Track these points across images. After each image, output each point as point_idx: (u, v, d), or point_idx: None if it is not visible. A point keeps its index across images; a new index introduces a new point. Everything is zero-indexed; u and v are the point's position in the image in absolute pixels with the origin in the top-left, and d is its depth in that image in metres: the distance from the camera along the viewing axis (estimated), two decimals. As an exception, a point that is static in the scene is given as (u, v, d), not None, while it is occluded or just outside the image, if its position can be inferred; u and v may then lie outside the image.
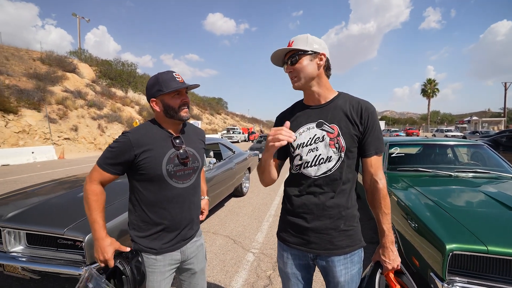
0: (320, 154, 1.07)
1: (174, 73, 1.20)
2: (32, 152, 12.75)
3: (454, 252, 1.52)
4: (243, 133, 31.41)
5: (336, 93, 1.14)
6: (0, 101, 14.05)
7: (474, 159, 3.50)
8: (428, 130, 49.75)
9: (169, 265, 1.26)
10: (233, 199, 5.45)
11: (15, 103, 15.16)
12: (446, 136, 28.45)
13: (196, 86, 1.29)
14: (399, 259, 1.06)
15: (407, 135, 33.98)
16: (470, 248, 1.51)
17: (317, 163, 1.07)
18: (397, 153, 3.41)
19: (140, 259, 1.20)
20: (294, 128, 1.12)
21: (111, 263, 1.14)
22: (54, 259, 1.99)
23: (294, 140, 1.07)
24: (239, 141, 27.01)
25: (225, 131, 30.05)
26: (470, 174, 2.86)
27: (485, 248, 1.49)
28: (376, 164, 1.07)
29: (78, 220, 1.99)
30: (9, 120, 14.22)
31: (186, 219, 1.29)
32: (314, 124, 1.10)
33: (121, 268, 1.14)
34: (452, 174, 2.84)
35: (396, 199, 2.37)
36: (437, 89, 51.23)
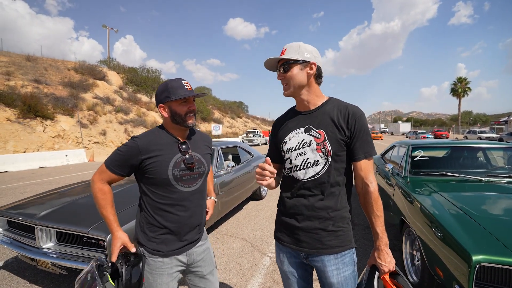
0: (307, 158, 1.12)
1: (183, 81, 1.24)
2: (66, 155, 13.67)
3: (482, 264, 1.41)
4: (263, 136, 31.43)
5: (326, 99, 1.17)
6: (39, 108, 15.33)
7: (511, 163, 3.23)
8: (459, 131, 46.66)
9: (176, 266, 1.28)
10: (251, 203, 5.47)
11: (52, 110, 16.42)
12: (480, 138, 26.46)
13: (204, 95, 1.34)
14: (394, 261, 1.08)
15: (436, 137, 32.03)
16: (500, 261, 1.39)
17: (305, 167, 1.12)
18: (420, 157, 3.24)
19: (140, 265, 1.23)
20: (285, 133, 1.20)
21: (114, 257, 1.20)
22: (80, 257, 2.12)
23: (285, 147, 1.18)
24: (260, 144, 26.94)
25: (245, 135, 30.12)
26: (504, 179, 2.64)
27: (518, 260, 1.37)
28: (366, 167, 1.09)
29: (102, 220, 2.10)
30: (47, 125, 15.42)
31: (193, 222, 1.31)
32: (302, 130, 1.14)
33: (119, 270, 1.18)
34: (483, 179, 2.63)
35: (419, 206, 2.24)
36: (469, 88, 47.96)
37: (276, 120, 1.31)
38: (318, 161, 1.10)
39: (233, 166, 4.24)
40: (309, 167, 1.11)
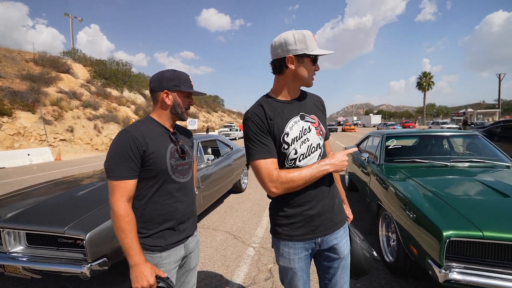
0: (311, 144, 1.14)
1: (189, 77, 1.28)
2: (28, 154, 12.63)
3: (451, 238, 1.55)
4: (240, 130, 31.54)
5: None
6: (-7, 104, 13.92)
7: (470, 149, 3.54)
8: (424, 123, 49.99)
9: (174, 262, 1.24)
10: (232, 196, 5.47)
11: (9, 105, 14.97)
12: (442, 128, 28.63)
13: (203, 94, 1.36)
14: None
15: (403, 128, 34.14)
16: (466, 234, 1.54)
17: (310, 153, 1.14)
18: (393, 145, 3.44)
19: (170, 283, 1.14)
20: (282, 124, 1.11)
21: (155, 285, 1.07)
22: (55, 258, 1.99)
23: (287, 136, 1.10)
24: (237, 138, 26.96)
25: (222, 129, 30.01)
26: (466, 164, 2.90)
27: (481, 233, 1.52)
28: (329, 144, 1.34)
29: (78, 219, 1.99)
30: (3, 122, 14.06)
31: (189, 213, 1.29)
32: (298, 117, 1.14)
33: (165, 286, 1.09)
34: (448, 164, 2.87)
35: (394, 191, 2.39)
36: (432, 82, 51.35)
37: (255, 113, 1.12)
38: (319, 143, 1.16)
39: (213, 159, 4.20)
40: (314, 151, 1.15)
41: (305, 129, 1.13)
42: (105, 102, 23.03)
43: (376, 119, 64.02)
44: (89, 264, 1.82)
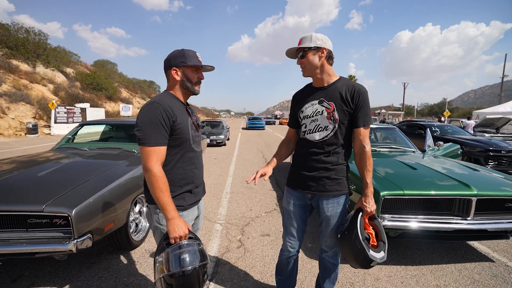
0: (319, 124, 1.44)
1: (197, 53, 1.39)
2: None
3: (385, 197, 2.18)
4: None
5: (338, 77, 1.46)
6: None
7: (389, 138, 4.56)
8: (348, 120, 57.21)
9: (191, 221, 1.44)
10: (187, 182, 5.51)
11: None
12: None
13: (212, 68, 1.44)
14: (375, 206, 1.42)
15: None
16: (394, 193, 2.20)
17: (317, 131, 1.45)
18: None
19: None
20: (302, 104, 1.52)
21: (187, 237, 1.23)
22: (25, 240, 1.86)
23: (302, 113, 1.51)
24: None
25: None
26: (388, 149, 3.79)
27: (402, 192, 2.20)
28: (364, 133, 1.40)
29: (56, 196, 1.90)
30: None
31: (201, 179, 1.50)
32: (316, 101, 1.45)
33: (193, 236, 1.27)
34: (377, 149, 3.72)
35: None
36: (356, 84, 58.97)
37: (295, 93, 1.62)
38: (327, 126, 1.41)
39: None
40: (320, 130, 1.43)
41: (318, 111, 1.43)
42: (10, 77, 18.87)
43: (309, 115, 70.20)
44: (75, 240, 1.79)
